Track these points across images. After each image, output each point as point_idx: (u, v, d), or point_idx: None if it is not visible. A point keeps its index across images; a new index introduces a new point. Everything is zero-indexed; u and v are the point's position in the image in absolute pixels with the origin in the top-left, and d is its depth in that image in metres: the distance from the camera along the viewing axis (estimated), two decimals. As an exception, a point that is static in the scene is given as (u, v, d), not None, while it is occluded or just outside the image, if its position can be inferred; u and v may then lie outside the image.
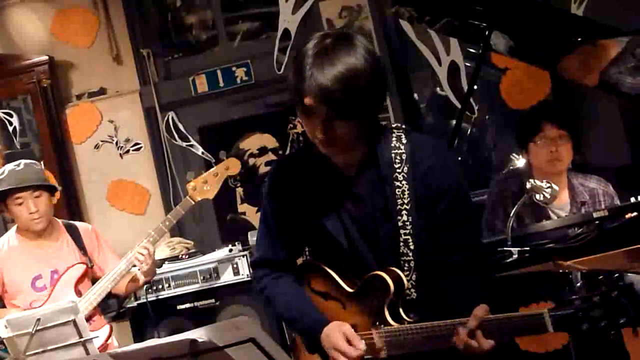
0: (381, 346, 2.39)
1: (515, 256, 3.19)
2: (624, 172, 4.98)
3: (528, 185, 3.42)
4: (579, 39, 3.42)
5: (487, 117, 5.86)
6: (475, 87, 4.21)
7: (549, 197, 3.39)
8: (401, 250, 2.38)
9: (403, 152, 2.40)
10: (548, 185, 3.40)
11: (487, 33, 3.78)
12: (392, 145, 2.42)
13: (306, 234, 2.56)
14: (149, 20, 6.16)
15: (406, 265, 2.38)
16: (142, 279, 4.15)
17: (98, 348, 3.93)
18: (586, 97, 5.34)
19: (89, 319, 4.04)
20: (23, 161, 4.18)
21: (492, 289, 2.48)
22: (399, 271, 2.39)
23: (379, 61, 2.30)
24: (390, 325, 2.38)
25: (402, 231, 2.36)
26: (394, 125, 2.50)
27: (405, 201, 2.36)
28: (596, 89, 3.79)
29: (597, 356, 2.77)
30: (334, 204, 2.45)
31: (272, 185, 2.61)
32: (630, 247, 3.08)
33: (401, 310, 2.40)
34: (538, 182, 3.41)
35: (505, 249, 3.23)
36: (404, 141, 2.42)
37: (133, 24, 6.07)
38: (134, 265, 4.12)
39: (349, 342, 2.40)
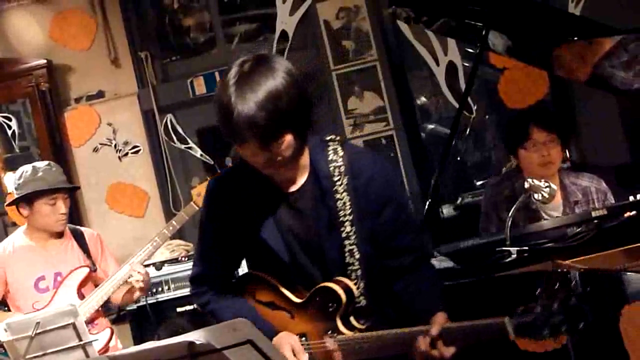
0: (336, 354, 2.42)
1: (514, 256, 3.19)
2: (623, 170, 4.99)
3: (526, 185, 3.41)
4: (576, 39, 3.41)
5: (486, 117, 5.87)
6: (474, 87, 4.21)
7: (547, 196, 3.39)
8: (347, 261, 2.44)
9: (341, 165, 2.44)
10: (546, 184, 3.39)
11: (484, 33, 3.78)
12: (330, 158, 2.46)
13: (246, 249, 2.58)
14: (147, 22, 6.17)
15: (353, 274, 2.45)
16: (137, 293, 4.17)
17: (99, 351, 3.94)
18: (584, 96, 5.35)
19: (91, 321, 4.08)
20: (52, 163, 4.25)
21: (442, 285, 2.62)
22: (347, 281, 2.44)
23: (297, 79, 2.32)
24: (343, 333, 2.43)
25: (346, 242, 2.43)
26: (328, 138, 2.53)
27: (348, 212, 2.42)
28: (588, 85, 3.79)
29: (596, 356, 2.76)
30: (275, 220, 2.48)
31: (210, 203, 2.61)
32: (629, 246, 3.08)
33: (352, 318, 2.45)
34: (536, 182, 3.40)
35: (504, 248, 3.23)
36: (341, 153, 2.47)
37: (131, 27, 6.08)
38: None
39: (295, 353, 2.42)
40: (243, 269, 2.79)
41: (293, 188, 2.48)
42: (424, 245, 2.63)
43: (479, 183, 5.83)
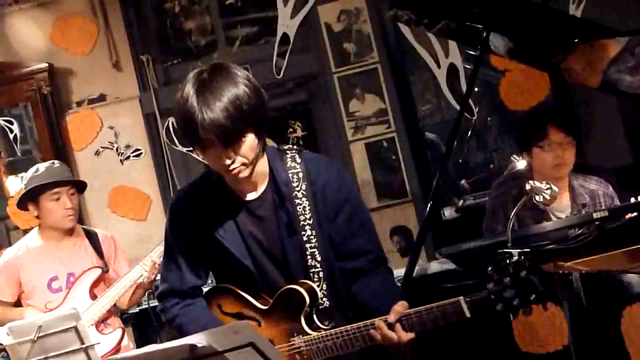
0: (302, 356, 2.47)
1: (515, 258, 3.18)
2: (624, 172, 4.99)
3: (527, 187, 3.42)
4: (577, 40, 3.42)
5: (488, 119, 5.87)
6: (475, 89, 4.21)
7: (548, 198, 3.39)
8: (309, 263, 2.52)
9: (299, 171, 2.54)
10: (547, 186, 3.39)
11: (485, 35, 3.78)
12: (288, 165, 2.56)
13: (211, 260, 2.64)
14: (148, 26, 6.18)
15: (315, 276, 2.52)
16: (139, 291, 4.24)
17: (110, 351, 4.01)
18: (586, 97, 5.35)
19: (103, 321, 4.12)
20: (56, 161, 4.29)
21: (398, 288, 2.75)
22: (310, 283, 2.51)
23: (255, 83, 2.46)
24: (308, 334, 2.48)
25: (307, 245, 2.51)
26: (286, 147, 2.63)
27: (307, 216, 2.50)
28: (597, 90, 3.79)
29: (597, 358, 2.76)
30: (237, 228, 2.57)
31: (173, 217, 2.69)
32: (631, 248, 3.08)
33: (316, 319, 2.51)
34: (537, 184, 3.40)
35: (505, 250, 3.23)
36: (298, 160, 2.56)
37: (132, 30, 6.08)
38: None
39: None
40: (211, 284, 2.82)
41: (253, 196, 2.57)
42: (379, 248, 2.67)
43: (480, 188, 5.83)
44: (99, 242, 4.29)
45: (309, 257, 2.51)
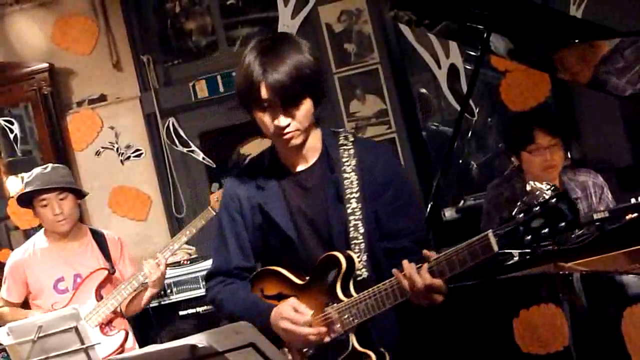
0: (336, 322, 2.48)
1: (516, 258, 3.19)
2: (625, 173, 4.99)
3: (528, 188, 3.40)
4: (578, 41, 3.42)
5: (488, 119, 5.87)
6: (475, 89, 4.21)
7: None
8: (351, 235, 2.54)
9: (351, 148, 2.62)
10: (548, 187, 3.38)
11: (485, 35, 3.78)
12: (340, 143, 2.65)
13: (259, 237, 2.69)
14: (149, 26, 6.17)
15: (356, 247, 2.54)
16: (149, 291, 4.21)
17: (113, 352, 4.02)
18: (586, 98, 5.35)
19: (108, 323, 4.14)
20: (51, 165, 4.25)
21: None
22: (350, 252, 2.53)
23: (316, 55, 2.56)
24: (342, 300, 2.48)
25: (351, 217, 2.54)
26: (341, 130, 2.73)
27: (354, 190, 2.56)
28: (588, 86, 3.80)
29: (598, 359, 2.76)
30: (285, 200, 2.63)
31: (226, 196, 2.76)
32: (631, 248, 3.08)
33: (352, 288, 2.51)
34: (538, 184, 3.39)
35: (505, 251, 3.23)
36: (351, 139, 2.65)
37: (133, 31, 6.08)
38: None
39: (296, 311, 2.51)
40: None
41: (303, 167, 2.64)
42: (423, 230, 2.70)
43: (481, 189, 5.82)
44: (106, 244, 4.30)
45: (351, 228, 2.53)
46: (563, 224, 2.11)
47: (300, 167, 2.64)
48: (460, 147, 5.69)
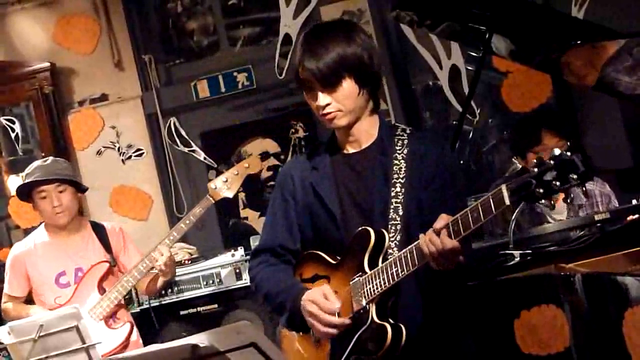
0: (360, 296, 2.51)
1: (517, 259, 3.19)
2: (626, 174, 4.99)
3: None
4: (579, 42, 3.42)
5: (490, 120, 5.87)
6: (477, 90, 4.21)
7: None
8: (390, 216, 2.56)
9: (405, 138, 2.65)
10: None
11: (487, 36, 3.78)
12: (396, 134, 2.68)
13: (307, 220, 2.72)
14: (151, 26, 6.18)
15: (393, 228, 2.55)
16: (161, 280, 4.18)
17: (119, 345, 4.00)
18: (587, 99, 5.35)
19: (112, 315, 4.10)
20: (51, 157, 4.25)
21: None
22: (382, 229, 2.54)
23: (371, 44, 2.64)
24: (367, 273, 2.51)
25: (393, 200, 2.57)
26: (400, 125, 2.76)
27: (401, 176, 2.59)
28: (594, 89, 3.79)
29: (599, 359, 2.76)
30: (334, 178, 2.68)
31: (281, 176, 2.84)
32: (632, 250, 3.08)
33: (380, 263, 2.51)
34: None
35: (507, 252, 3.24)
36: (408, 132, 2.69)
37: (134, 30, 6.09)
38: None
39: (326, 298, 2.54)
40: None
41: (355, 150, 2.69)
42: None
43: (482, 190, 5.82)
44: (106, 236, 4.27)
45: (391, 210, 2.56)
46: (575, 175, 2.08)
47: (353, 150, 2.69)
48: (461, 148, 5.69)
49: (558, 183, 2.10)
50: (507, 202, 2.21)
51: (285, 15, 5.75)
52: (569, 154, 2.10)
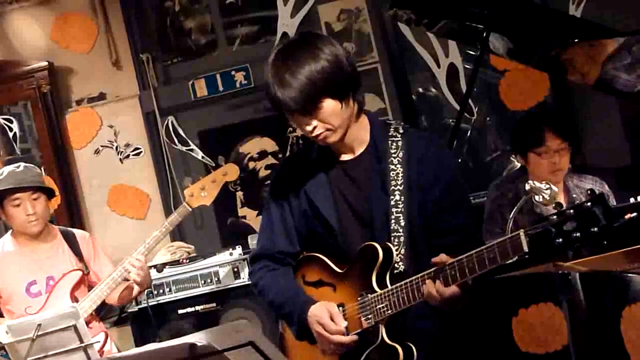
0: (367, 314, 2.51)
1: (515, 258, 3.18)
2: (623, 172, 4.98)
3: (527, 187, 3.40)
4: (577, 40, 3.42)
5: (487, 119, 5.87)
6: (474, 89, 4.21)
7: (548, 198, 3.36)
8: (392, 227, 2.53)
9: (399, 140, 2.59)
10: (547, 186, 3.37)
11: (485, 35, 3.78)
12: (390, 134, 2.61)
13: (303, 223, 2.70)
14: (148, 25, 6.17)
15: (396, 240, 2.52)
16: (136, 288, 4.08)
17: None
18: (585, 97, 5.35)
19: (86, 324, 4.00)
20: (22, 164, 4.13)
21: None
22: (388, 244, 2.52)
23: (338, 54, 2.49)
24: (376, 292, 2.50)
25: (394, 209, 2.53)
26: (392, 122, 2.69)
27: (399, 182, 2.54)
28: (592, 88, 3.79)
29: (597, 358, 2.76)
30: (329, 187, 2.64)
31: (274, 180, 2.82)
32: (630, 248, 3.08)
33: (388, 280, 2.51)
34: (537, 184, 3.38)
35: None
36: (401, 131, 2.62)
37: (132, 29, 6.08)
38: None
39: (332, 319, 2.54)
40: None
41: (349, 157, 2.64)
42: (473, 226, 2.70)
43: (479, 188, 5.82)
44: (77, 244, 4.17)
45: (393, 221, 2.52)
46: (596, 228, 2.04)
47: (347, 157, 2.65)
48: (459, 146, 5.68)
49: (578, 234, 2.05)
50: (526, 249, 2.16)
51: (283, 14, 5.76)
52: (589, 204, 2.05)
